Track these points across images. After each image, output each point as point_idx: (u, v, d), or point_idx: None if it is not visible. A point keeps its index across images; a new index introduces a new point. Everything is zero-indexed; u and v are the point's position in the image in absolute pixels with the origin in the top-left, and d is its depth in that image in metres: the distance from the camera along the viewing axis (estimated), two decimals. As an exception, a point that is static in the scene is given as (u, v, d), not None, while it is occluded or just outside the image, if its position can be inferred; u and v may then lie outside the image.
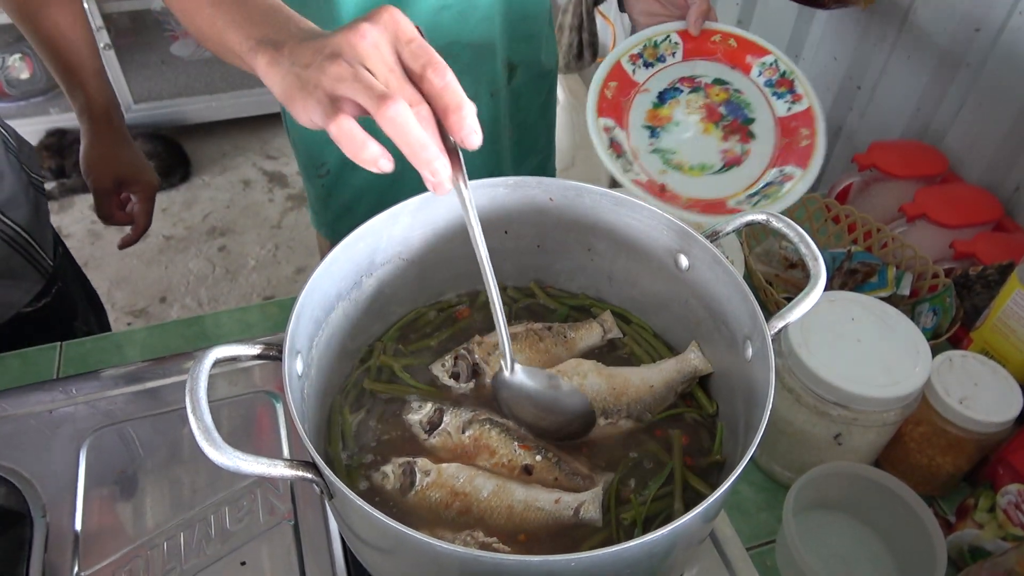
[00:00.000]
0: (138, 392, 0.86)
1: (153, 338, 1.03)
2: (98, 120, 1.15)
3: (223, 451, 0.50)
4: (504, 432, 0.68)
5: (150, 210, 1.24)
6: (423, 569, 0.55)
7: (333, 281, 0.67)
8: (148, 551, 0.73)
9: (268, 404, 0.85)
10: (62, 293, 1.15)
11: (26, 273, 1.07)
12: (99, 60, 1.14)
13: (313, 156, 1.16)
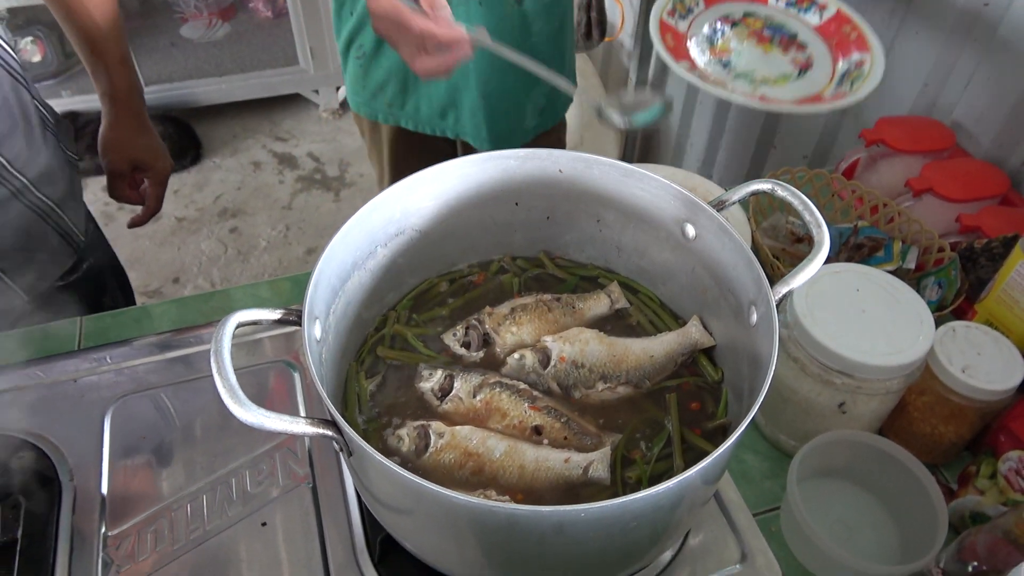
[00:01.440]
0: (160, 361, 0.89)
1: (171, 312, 1.05)
2: (119, 104, 1.17)
3: (248, 408, 0.52)
4: (514, 394, 0.70)
5: (161, 194, 1.27)
6: (438, 524, 0.58)
7: (349, 250, 0.69)
8: (172, 512, 0.75)
9: (285, 372, 0.88)
10: (92, 268, 1.18)
11: (58, 248, 1.10)
12: (125, 47, 1.16)
13: (353, 39, 1.31)
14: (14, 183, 1.02)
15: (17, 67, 1.05)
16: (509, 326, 0.76)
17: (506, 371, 0.73)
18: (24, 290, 1.07)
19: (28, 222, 1.05)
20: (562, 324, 0.77)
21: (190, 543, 0.73)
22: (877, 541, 0.86)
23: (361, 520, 0.75)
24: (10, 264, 1.05)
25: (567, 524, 0.51)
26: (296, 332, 0.93)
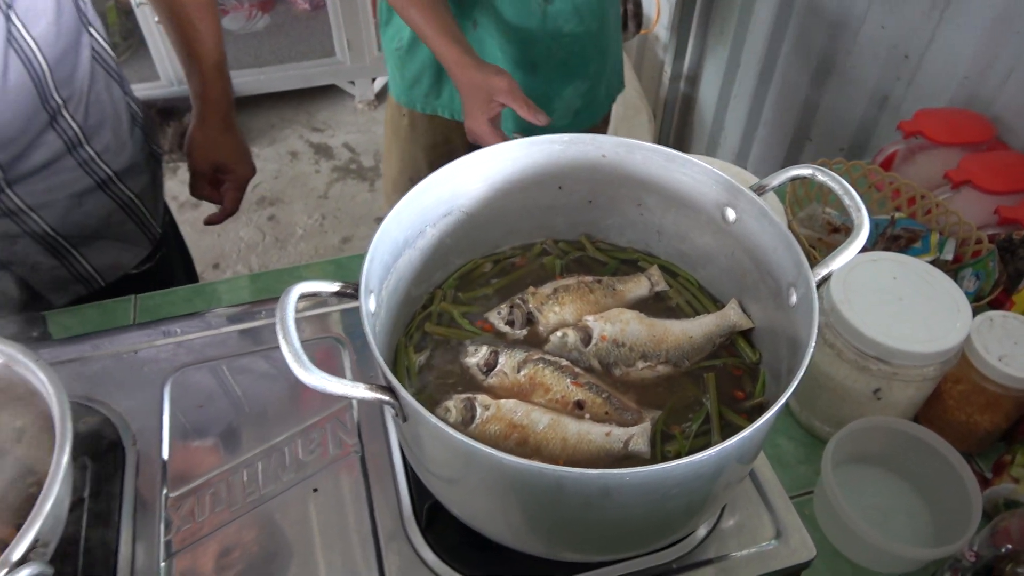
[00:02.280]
0: (214, 336, 0.93)
1: (220, 292, 1.10)
2: (209, 106, 1.21)
3: (311, 372, 0.56)
4: (557, 370, 0.73)
5: (240, 197, 1.30)
6: (487, 488, 0.60)
7: (401, 228, 0.72)
8: (229, 477, 0.79)
9: (334, 348, 0.91)
10: (164, 259, 1.23)
11: (136, 238, 1.15)
12: (222, 52, 1.20)
13: (394, 33, 1.41)
14: (100, 174, 1.07)
15: (112, 63, 1.10)
16: (552, 306, 0.78)
17: (549, 348, 0.76)
18: (101, 276, 1.12)
19: (110, 212, 1.10)
20: (603, 305, 0.80)
21: (246, 506, 0.77)
22: (910, 527, 0.88)
23: (408, 489, 0.78)
24: (91, 251, 1.10)
25: (612, 488, 0.54)
26: (342, 311, 0.97)
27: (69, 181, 1.05)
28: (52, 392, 0.69)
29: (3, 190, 0.98)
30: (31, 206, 1.02)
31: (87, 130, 1.05)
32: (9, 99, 0.93)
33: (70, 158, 1.04)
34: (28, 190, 1.01)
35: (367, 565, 0.73)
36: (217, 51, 1.20)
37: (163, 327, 0.94)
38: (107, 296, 1.16)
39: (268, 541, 0.75)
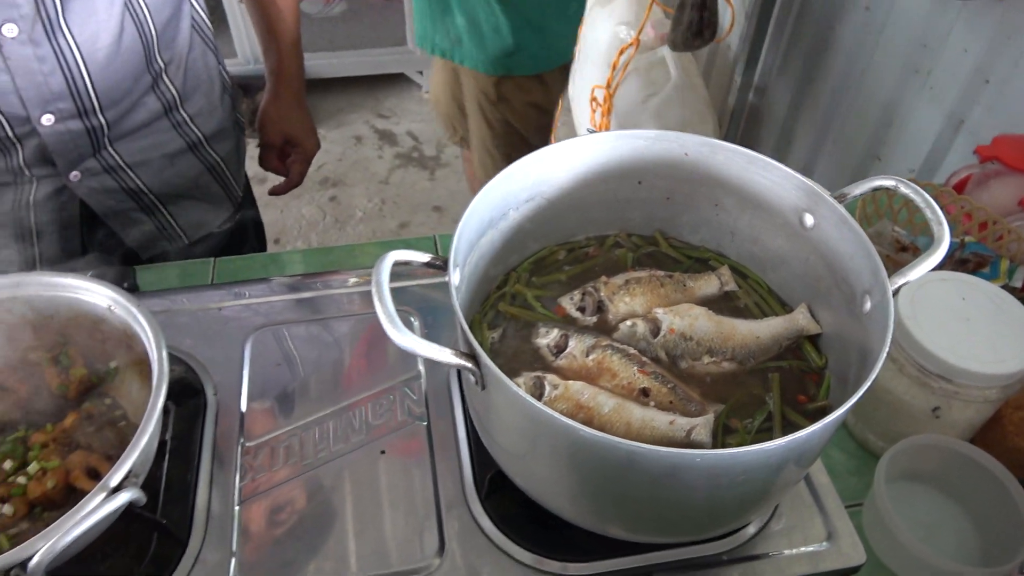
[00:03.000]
0: (292, 300, 0.97)
1: (294, 260, 1.14)
2: (283, 82, 1.28)
3: (404, 333, 0.59)
4: (625, 358, 0.75)
5: (305, 170, 1.37)
6: (557, 458, 0.63)
7: (488, 208, 0.75)
8: (301, 433, 0.83)
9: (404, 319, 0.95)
10: (241, 222, 1.29)
11: (220, 200, 1.22)
12: (298, 32, 1.27)
13: None
14: (192, 137, 1.13)
15: (209, 34, 1.16)
16: (622, 296, 0.81)
17: (617, 336, 0.78)
18: (185, 233, 1.18)
19: (198, 173, 1.16)
20: (672, 300, 0.82)
21: (316, 461, 0.81)
22: (957, 547, 0.88)
23: (470, 459, 0.81)
24: (178, 209, 1.16)
25: (681, 468, 0.56)
26: (413, 286, 1.00)
27: (164, 142, 1.11)
28: (151, 337, 0.74)
29: (106, 147, 1.05)
30: (129, 163, 1.08)
31: (183, 94, 1.11)
32: (122, 60, 0.98)
33: (166, 120, 1.11)
34: (127, 148, 1.07)
35: (428, 527, 0.76)
36: (295, 30, 1.26)
37: (246, 288, 0.99)
38: (188, 253, 1.22)
39: (335, 496, 0.78)
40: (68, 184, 1.03)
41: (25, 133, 0.96)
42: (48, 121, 0.95)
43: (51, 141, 0.97)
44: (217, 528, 0.76)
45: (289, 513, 0.77)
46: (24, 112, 0.93)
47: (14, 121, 0.94)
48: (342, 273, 1.02)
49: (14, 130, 0.95)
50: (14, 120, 0.94)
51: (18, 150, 0.98)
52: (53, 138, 0.97)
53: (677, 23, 2.09)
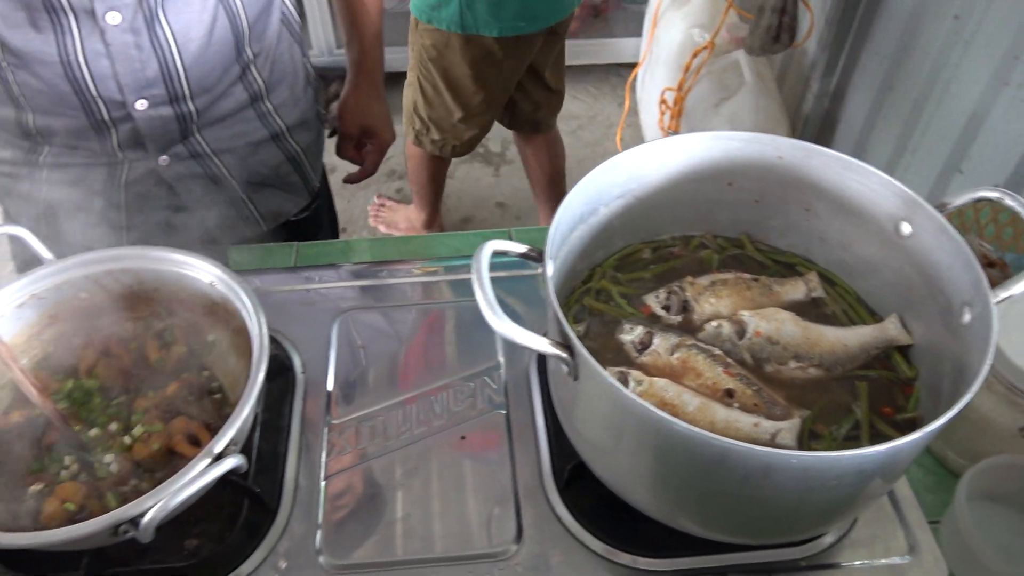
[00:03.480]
0: (379, 286, 1.00)
1: (374, 248, 1.17)
2: (364, 74, 1.31)
3: (503, 321, 0.61)
4: (710, 358, 0.76)
5: (379, 160, 1.40)
6: (645, 452, 0.64)
7: (580, 203, 0.76)
8: (384, 415, 0.86)
9: (486, 312, 0.97)
10: (316, 211, 1.33)
11: (298, 190, 1.26)
12: (381, 25, 1.30)
13: None
14: (275, 127, 1.17)
15: (296, 28, 1.20)
16: (708, 297, 0.81)
17: (702, 336, 0.79)
18: (264, 220, 1.23)
19: (279, 163, 1.20)
20: (758, 303, 0.82)
21: (399, 442, 0.83)
22: (1039, 572, 0.85)
23: (548, 449, 0.82)
24: (258, 197, 1.20)
25: (776, 467, 0.56)
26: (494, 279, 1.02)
27: (248, 131, 1.15)
28: (253, 314, 0.77)
29: (194, 134, 1.09)
30: (214, 151, 1.12)
31: (269, 85, 1.15)
32: (213, 50, 1.02)
33: (251, 110, 1.14)
34: (214, 136, 1.11)
35: (506, 514, 0.78)
36: (378, 23, 1.28)
37: (333, 272, 1.02)
38: (264, 240, 1.26)
39: (416, 478, 0.81)
40: (157, 168, 1.08)
41: (120, 117, 1.01)
42: (142, 106, 0.99)
43: (144, 125, 1.02)
44: (304, 500, 0.79)
45: (372, 491, 0.80)
46: (121, 97, 0.98)
47: (111, 105, 0.99)
48: (425, 262, 1.04)
49: (110, 114, 1.00)
50: (111, 104, 0.99)
51: (113, 133, 1.02)
52: (146, 123, 1.02)
53: (755, 27, 2.06)
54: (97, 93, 0.97)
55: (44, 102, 0.99)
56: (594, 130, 3.15)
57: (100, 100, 0.98)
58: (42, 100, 0.98)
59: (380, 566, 0.75)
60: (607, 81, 3.38)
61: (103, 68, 0.95)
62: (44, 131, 1.03)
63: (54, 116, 1.00)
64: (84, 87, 0.96)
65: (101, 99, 0.98)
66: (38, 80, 0.95)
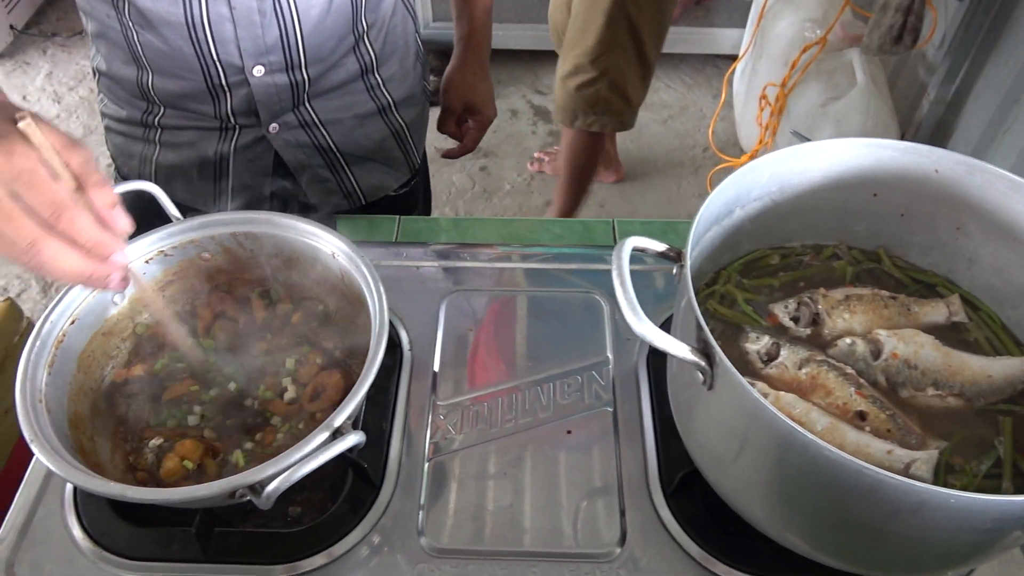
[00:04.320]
0: (490, 269, 0.99)
1: (474, 228, 1.16)
2: (471, 49, 1.30)
3: (643, 322, 0.58)
4: (841, 376, 0.72)
5: (480, 137, 1.39)
6: (780, 472, 0.61)
7: (719, 204, 0.73)
8: (490, 401, 0.85)
9: (595, 304, 0.95)
10: (414, 187, 1.32)
11: (399, 165, 1.25)
12: (491, 0, 1.28)
13: None
14: (382, 101, 1.17)
15: (411, 1, 1.19)
16: (841, 311, 0.77)
17: (833, 353, 0.75)
18: (364, 194, 1.23)
19: (383, 137, 1.20)
20: (894, 323, 0.77)
21: (503, 431, 0.82)
22: None
23: (656, 451, 0.80)
24: (360, 170, 1.20)
25: (930, 505, 0.53)
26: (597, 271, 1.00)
27: (356, 103, 1.15)
28: (374, 289, 0.77)
29: (304, 103, 1.09)
30: (322, 120, 1.13)
31: (380, 58, 1.14)
32: (331, 19, 1.02)
33: (361, 82, 1.14)
34: (322, 106, 1.11)
35: (609, 514, 0.76)
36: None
37: (445, 249, 1.01)
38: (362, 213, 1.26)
39: (519, 468, 0.80)
40: (267, 135, 1.09)
41: (237, 82, 1.02)
42: (259, 72, 1.00)
43: (258, 92, 1.03)
44: (407, 480, 0.79)
45: (475, 477, 0.79)
46: (240, 62, 0.99)
47: (229, 70, 1.00)
48: (533, 248, 1.02)
49: (227, 79, 1.01)
50: (229, 69, 1.00)
51: (228, 98, 1.03)
52: (260, 89, 1.02)
53: (876, 25, 1.96)
54: (217, 57, 0.98)
55: (165, 64, 1.00)
56: (685, 121, 3.08)
57: (219, 64, 0.99)
58: (163, 62, 1.00)
59: (480, 554, 0.74)
60: (703, 72, 3.30)
61: (226, 32, 0.96)
62: (161, 93, 1.04)
63: (173, 78, 1.02)
64: (206, 50, 0.97)
65: (220, 63, 0.99)
66: (161, 41, 0.97)
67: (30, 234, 0.56)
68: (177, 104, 1.06)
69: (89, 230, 0.59)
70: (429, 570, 0.73)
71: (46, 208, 0.57)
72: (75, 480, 0.63)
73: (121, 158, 1.17)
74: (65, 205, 0.57)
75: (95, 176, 0.60)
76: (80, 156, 0.59)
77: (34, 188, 0.56)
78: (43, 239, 0.57)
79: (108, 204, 0.61)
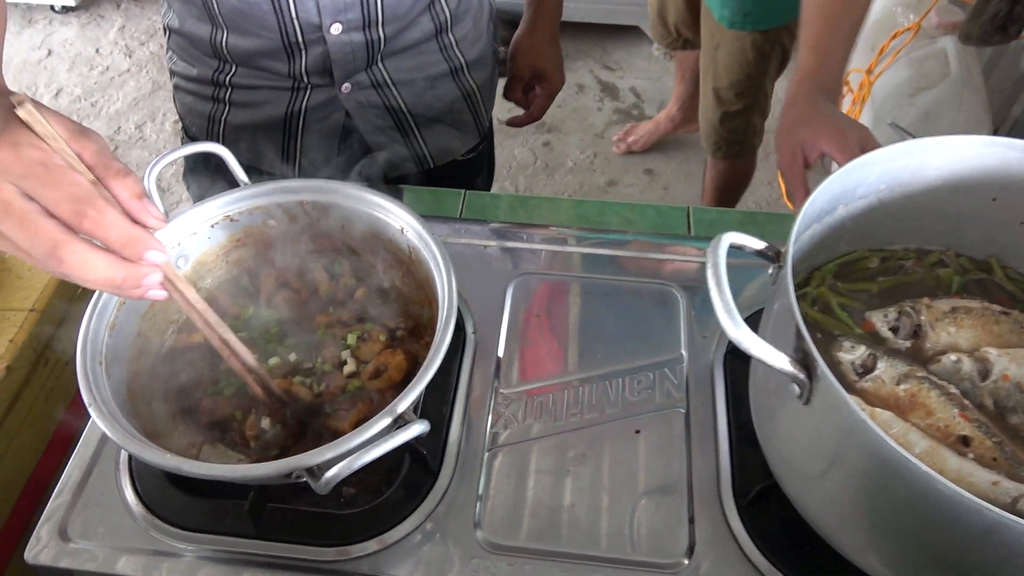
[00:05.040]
0: (561, 253, 0.94)
1: (542, 207, 1.11)
2: (542, 14, 1.26)
3: (740, 327, 0.54)
4: (944, 396, 0.66)
5: (547, 106, 1.34)
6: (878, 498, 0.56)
7: (823, 200, 0.67)
8: (555, 393, 0.81)
9: (670, 296, 0.89)
10: (481, 152, 1.29)
11: (469, 128, 1.22)
12: None
13: None
14: (454, 62, 1.13)
15: None
16: (947, 325, 0.70)
17: (935, 369, 0.69)
18: (433, 158, 1.19)
19: (454, 99, 1.16)
20: (1006, 341, 0.70)
21: (568, 425, 0.78)
22: None
23: (730, 460, 0.75)
24: (429, 133, 1.17)
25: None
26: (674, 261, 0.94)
27: (428, 63, 1.12)
28: (443, 270, 0.73)
29: (377, 63, 1.06)
30: (394, 81, 1.10)
31: (455, 17, 1.10)
32: None
33: (434, 42, 1.11)
34: (395, 66, 1.08)
35: (677, 523, 0.72)
36: None
37: (512, 230, 0.97)
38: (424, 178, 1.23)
39: (584, 466, 0.76)
40: (338, 95, 1.06)
41: (313, 40, 0.99)
42: (336, 30, 0.98)
43: (334, 50, 1.00)
44: (466, 469, 0.76)
45: (536, 472, 0.75)
46: (318, 20, 0.96)
47: (307, 28, 0.97)
48: (605, 234, 0.97)
49: (304, 37, 0.98)
50: (307, 27, 0.97)
51: (303, 57, 1.01)
52: (336, 47, 1.00)
53: (978, 13, 1.83)
54: (296, 15, 0.95)
55: (241, 22, 0.98)
56: (759, 105, 2.96)
57: (297, 21, 0.96)
58: (240, 20, 0.98)
59: (539, 554, 0.70)
60: (780, 54, 3.16)
61: None
62: (235, 51, 1.02)
63: (248, 36, 1.00)
64: (285, 8, 0.95)
65: (299, 20, 0.96)
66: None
67: (50, 238, 0.49)
68: (250, 63, 1.04)
69: (118, 226, 0.51)
70: (484, 566, 0.70)
71: (67, 205, 0.49)
72: (133, 450, 0.62)
73: (190, 117, 1.16)
74: (89, 200, 0.49)
75: (114, 165, 0.52)
76: (93, 144, 0.52)
77: (50, 183, 0.48)
78: (66, 243, 0.49)
79: (135, 195, 0.52)
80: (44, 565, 0.71)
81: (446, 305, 0.70)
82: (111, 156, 0.52)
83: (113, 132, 2.89)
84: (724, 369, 0.82)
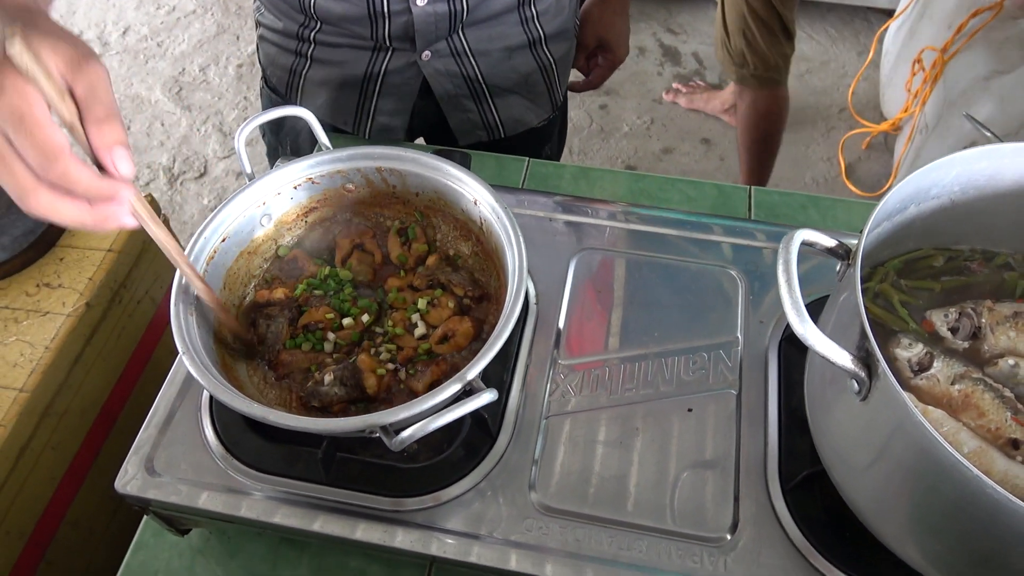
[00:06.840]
0: (625, 230, 0.96)
1: (604, 180, 1.12)
2: None
3: (806, 324, 0.56)
4: (998, 398, 0.67)
5: (607, 76, 1.35)
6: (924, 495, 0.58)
7: (896, 201, 0.68)
8: (612, 367, 0.84)
9: (730, 280, 0.91)
10: (553, 122, 1.30)
11: (542, 101, 1.23)
12: None
13: None
14: (533, 34, 1.14)
15: None
16: (1007, 329, 0.71)
17: (991, 372, 0.70)
18: (504, 127, 1.21)
19: (530, 71, 1.18)
20: (1063, 348, 0.71)
21: (622, 399, 0.81)
22: None
23: (778, 443, 0.78)
24: (503, 103, 1.18)
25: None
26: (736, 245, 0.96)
27: (507, 35, 1.13)
28: (515, 244, 0.76)
29: (458, 31, 1.08)
30: (473, 51, 1.11)
31: None
32: None
33: (515, 14, 1.11)
34: (475, 36, 1.10)
35: (723, 499, 0.75)
36: None
37: (578, 204, 0.99)
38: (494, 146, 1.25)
39: (637, 439, 0.79)
40: (418, 61, 1.08)
41: (399, 10, 1.02)
42: (422, 1, 1.00)
43: (418, 19, 1.03)
44: (523, 434, 0.79)
45: (590, 441, 0.79)
46: None
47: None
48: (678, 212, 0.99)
49: (390, 7, 1.00)
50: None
51: (387, 24, 1.03)
52: (421, 17, 1.02)
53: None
54: None
55: None
56: (824, 77, 2.90)
57: None
58: None
59: (589, 519, 0.74)
60: (850, 25, 3.07)
61: None
62: (322, 11, 1.05)
63: (338, 1, 1.02)
64: None
65: None
66: None
67: (23, 181, 0.51)
68: (335, 24, 1.07)
69: (84, 180, 0.52)
70: (537, 526, 0.74)
71: (35, 157, 0.50)
72: (223, 397, 0.67)
73: (271, 68, 1.19)
74: (56, 154, 0.50)
75: (98, 108, 0.52)
76: (86, 79, 0.52)
77: (23, 132, 0.50)
78: (35, 189, 0.51)
79: (109, 143, 0.53)
80: (132, 495, 0.77)
81: (516, 279, 0.74)
82: (103, 95, 0.53)
83: (178, 73, 2.95)
84: (779, 355, 0.84)
